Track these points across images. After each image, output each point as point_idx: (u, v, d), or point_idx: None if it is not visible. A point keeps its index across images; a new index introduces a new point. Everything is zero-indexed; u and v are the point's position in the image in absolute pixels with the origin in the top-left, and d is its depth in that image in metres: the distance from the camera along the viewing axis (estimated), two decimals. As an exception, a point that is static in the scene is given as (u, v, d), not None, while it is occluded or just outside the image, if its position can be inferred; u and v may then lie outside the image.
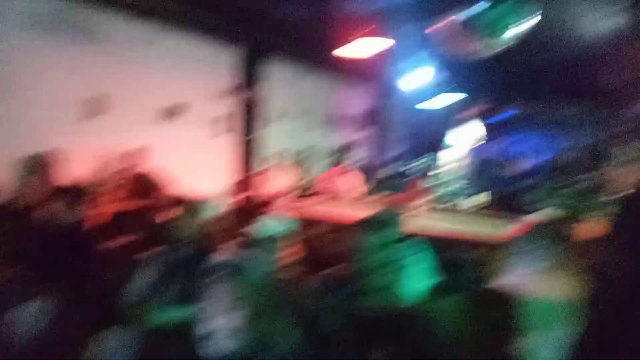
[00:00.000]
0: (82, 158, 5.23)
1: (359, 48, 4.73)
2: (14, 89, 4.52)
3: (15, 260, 3.10)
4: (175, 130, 6.26)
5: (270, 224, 2.50)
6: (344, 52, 4.63)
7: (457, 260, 3.19)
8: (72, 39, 5.03)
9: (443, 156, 9.49)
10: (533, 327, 2.19)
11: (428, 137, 9.65)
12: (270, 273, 1.49)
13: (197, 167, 6.59)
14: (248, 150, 7.39)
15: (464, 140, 9.84)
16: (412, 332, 1.14)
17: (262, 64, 7.42)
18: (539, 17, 3.81)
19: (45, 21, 4.78)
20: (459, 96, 8.52)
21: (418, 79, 6.43)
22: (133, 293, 2.66)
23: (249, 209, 6.37)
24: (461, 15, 3.98)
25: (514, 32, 3.82)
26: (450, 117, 10.43)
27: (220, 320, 1.39)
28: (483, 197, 9.18)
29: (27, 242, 3.44)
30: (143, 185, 5.36)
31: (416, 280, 2.63)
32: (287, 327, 1.51)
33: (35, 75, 4.72)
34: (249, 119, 7.33)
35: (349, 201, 6.00)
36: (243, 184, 7.18)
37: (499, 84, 9.67)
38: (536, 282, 2.83)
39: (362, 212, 4.71)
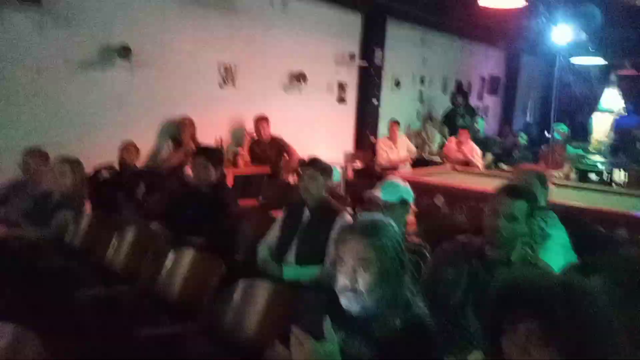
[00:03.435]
0: (218, 122, 5.62)
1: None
2: (153, 61, 4.90)
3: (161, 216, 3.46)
4: (300, 96, 6.42)
5: (395, 189, 2.47)
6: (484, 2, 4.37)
7: (600, 237, 2.91)
8: (207, 10, 5.31)
9: (581, 125, 8.60)
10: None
11: (566, 104, 8.80)
12: (399, 237, 1.47)
13: (320, 132, 6.73)
14: (369, 116, 7.35)
15: (606, 109, 8.77)
16: (566, 306, 1.05)
17: (385, 28, 7.25)
18: None
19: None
20: (598, 60, 7.61)
21: (559, 37, 5.91)
22: (265, 249, 2.83)
23: (371, 174, 6.40)
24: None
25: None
26: (590, 83, 9.38)
27: (345, 280, 1.41)
28: (623, 172, 8.23)
29: (169, 200, 3.82)
30: (276, 148, 5.62)
31: (552, 255, 2.45)
32: (415, 293, 1.49)
33: (174, 46, 5.08)
34: (371, 84, 7.26)
35: (474, 170, 5.73)
36: (364, 149, 7.21)
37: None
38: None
39: (487, 182, 4.52)
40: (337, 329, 1.32)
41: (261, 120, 5.62)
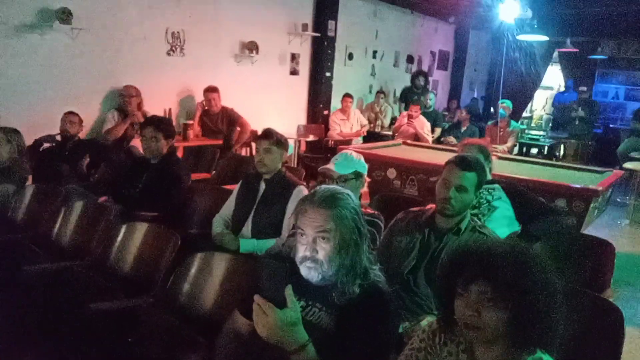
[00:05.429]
0: (166, 92, 5.43)
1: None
2: (95, 25, 4.66)
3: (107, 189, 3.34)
4: (251, 67, 6.29)
5: (350, 162, 2.50)
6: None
7: (541, 208, 3.08)
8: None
9: (524, 101, 8.94)
10: (627, 279, 2.10)
11: (512, 81, 9.11)
12: (358, 207, 1.50)
13: (273, 104, 6.65)
14: (322, 89, 7.32)
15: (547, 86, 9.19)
16: (516, 269, 1.14)
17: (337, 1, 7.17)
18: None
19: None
20: (541, 38, 7.91)
21: (506, 13, 6.10)
22: (220, 222, 2.81)
23: (323, 148, 6.42)
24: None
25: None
26: (533, 59, 9.76)
27: (306, 251, 1.43)
28: (563, 145, 8.73)
29: (117, 172, 3.70)
30: (227, 120, 5.51)
31: (497, 226, 2.58)
32: (373, 262, 1.53)
33: (118, 10, 4.83)
34: (324, 56, 7.20)
35: (423, 144, 5.88)
36: (317, 122, 7.20)
37: (587, 26, 8.87)
38: (628, 235, 2.67)
39: (436, 156, 4.66)
40: (297, 297, 1.35)
41: (211, 91, 5.47)
